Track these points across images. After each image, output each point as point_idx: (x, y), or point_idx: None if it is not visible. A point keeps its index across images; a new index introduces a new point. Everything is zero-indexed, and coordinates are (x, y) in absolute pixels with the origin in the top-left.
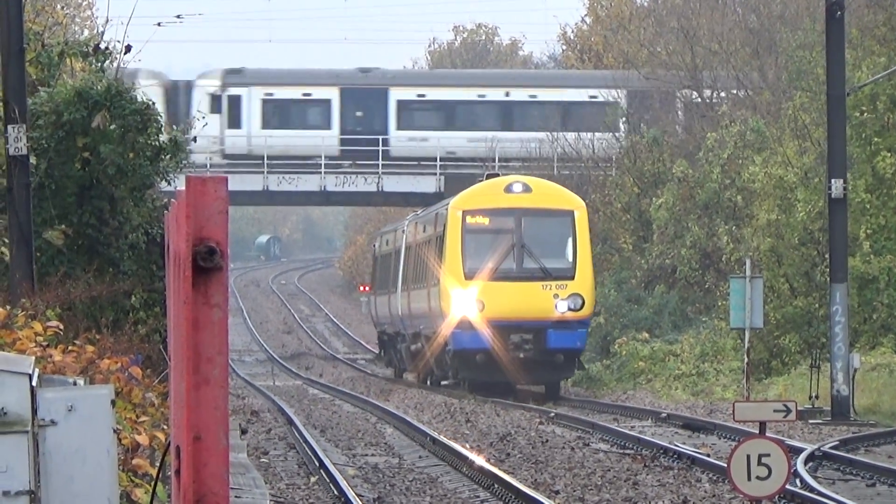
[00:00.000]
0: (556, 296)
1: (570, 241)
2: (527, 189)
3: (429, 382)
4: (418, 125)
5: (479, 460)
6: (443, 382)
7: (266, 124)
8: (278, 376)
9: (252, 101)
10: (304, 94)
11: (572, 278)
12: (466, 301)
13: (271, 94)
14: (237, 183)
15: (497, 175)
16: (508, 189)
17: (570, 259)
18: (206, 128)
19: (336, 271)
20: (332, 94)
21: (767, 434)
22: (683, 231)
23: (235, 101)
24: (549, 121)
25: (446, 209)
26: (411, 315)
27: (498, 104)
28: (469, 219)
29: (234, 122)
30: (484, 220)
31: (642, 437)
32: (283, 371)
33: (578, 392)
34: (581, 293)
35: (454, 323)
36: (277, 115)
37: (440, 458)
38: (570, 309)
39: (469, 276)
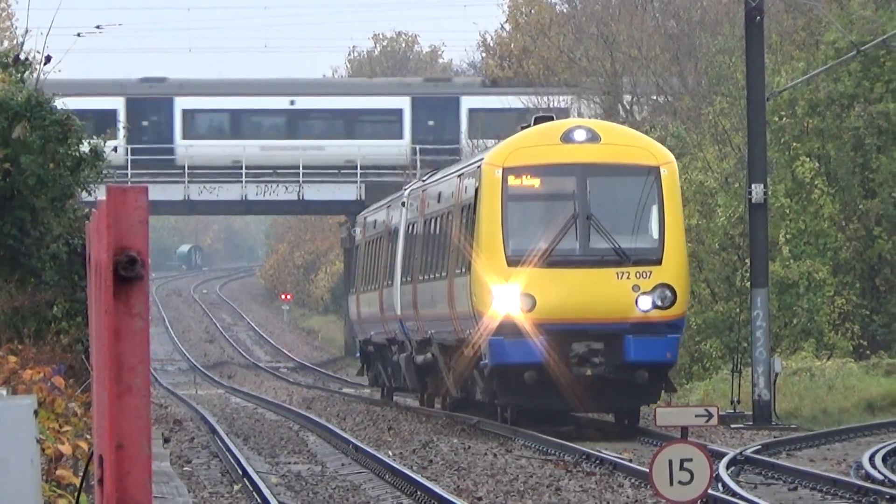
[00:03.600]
0: (636, 287)
1: (654, 210)
2: (593, 137)
3: (438, 405)
4: (204, 134)
5: None
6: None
7: None
8: (200, 385)
9: None
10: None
11: (659, 263)
12: (509, 296)
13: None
14: (158, 192)
15: (550, 118)
16: (568, 137)
17: (656, 236)
18: None
19: (258, 280)
20: (118, 103)
21: (689, 439)
22: None
23: None
24: (334, 128)
25: (479, 167)
26: (419, 316)
27: (284, 112)
28: (512, 179)
29: None
30: (533, 182)
31: (565, 443)
32: (205, 380)
33: None
34: (671, 283)
35: (492, 327)
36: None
37: (363, 466)
38: (656, 306)
39: (513, 261)
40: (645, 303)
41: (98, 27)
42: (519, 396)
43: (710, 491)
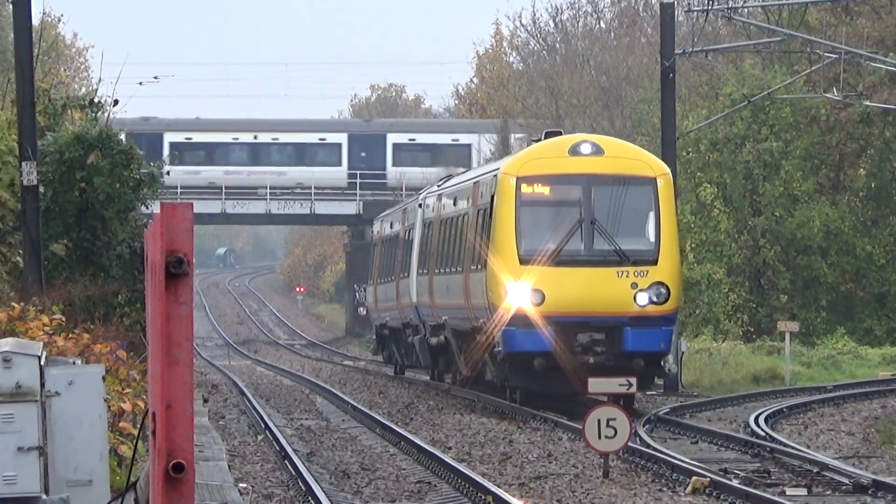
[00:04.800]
0: (634, 285)
1: (651, 216)
2: (598, 150)
3: (448, 381)
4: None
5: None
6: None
7: None
8: (233, 357)
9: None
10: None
11: (655, 263)
12: (521, 291)
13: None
14: (200, 207)
15: (559, 133)
16: (575, 150)
17: (653, 239)
18: None
19: (278, 276)
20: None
21: (614, 402)
22: None
23: None
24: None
25: (495, 176)
26: (434, 304)
27: (249, 145)
28: (525, 188)
29: None
30: (544, 190)
31: (515, 405)
32: (236, 354)
33: None
34: (666, 282)
35: (506, 319)
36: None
37: (359, 422)
38: (652, 301)
39: (525, 260)
40: (642, 299)
41: (156, 77)
42: (528, 380)
43: (629, 443)
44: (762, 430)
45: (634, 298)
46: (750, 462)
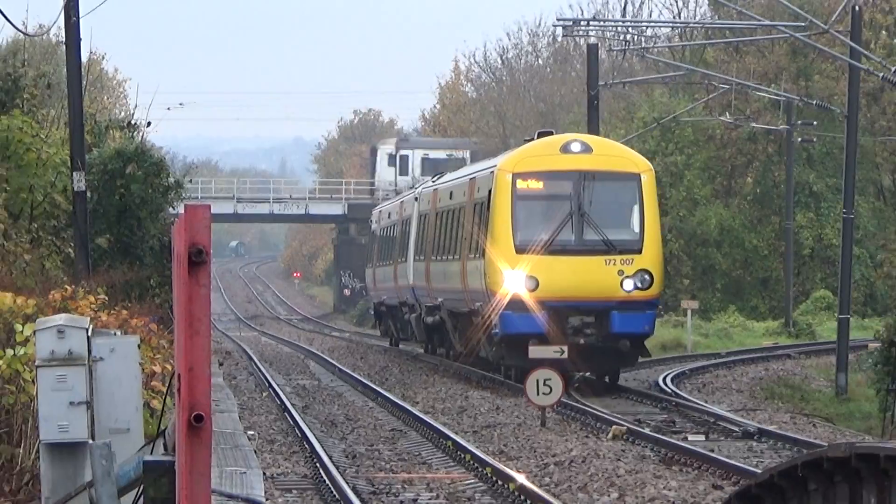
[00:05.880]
0: (621, 272)
1: (636, 208)
2: (587, 149)
3: (432, 351)
4: None
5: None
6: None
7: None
8: (242, 330)
9: (415, 159)
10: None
11: (640, 252)
12: (517, 278)
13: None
14: (217, 208)
15: (550, 133)
16: (566, 148)
17: (637, 230)
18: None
19: (279, 264)
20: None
21: (550, 366)
22: None
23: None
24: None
25: (492, 172)
26: (431, 287)
27: None
28: (520, 183)
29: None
30: (537, 185)
31: (473, 369)
32: (245, 326)
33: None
34: (650, 269)
35: (503, 303)
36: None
37: (344, 381)
38: (637, 287)
39: (520, 249)
40: (628, 285)
41: (181, 104)
42: (523, 360)
43: (562, 399)
44: (669, 388)
45: (621, 284)
46: (659, 414)
